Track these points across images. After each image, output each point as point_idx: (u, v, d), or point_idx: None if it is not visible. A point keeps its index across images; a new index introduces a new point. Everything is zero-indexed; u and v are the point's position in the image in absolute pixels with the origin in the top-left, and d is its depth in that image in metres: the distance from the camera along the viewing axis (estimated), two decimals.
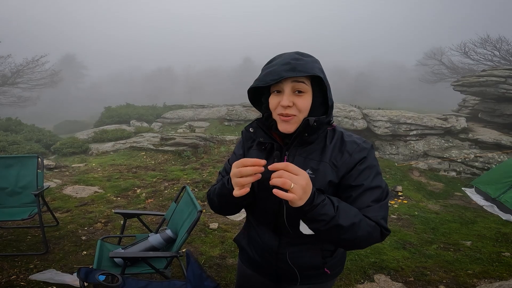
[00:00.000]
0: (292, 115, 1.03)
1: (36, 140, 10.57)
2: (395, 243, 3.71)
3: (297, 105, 1.02)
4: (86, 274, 1.67)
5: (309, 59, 1.04)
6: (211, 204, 1.22)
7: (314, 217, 0.91)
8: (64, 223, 3.80)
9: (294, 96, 1.02)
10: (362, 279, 2.94)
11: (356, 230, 0.95)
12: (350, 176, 1.06)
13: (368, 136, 8.92)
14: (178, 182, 5.46)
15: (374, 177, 1.05)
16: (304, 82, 1.02)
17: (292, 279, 1.20)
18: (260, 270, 1.27)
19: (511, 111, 8.79)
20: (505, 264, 3.30)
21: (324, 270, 1.19)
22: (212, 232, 3.74)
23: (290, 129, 1.05)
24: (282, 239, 1.16)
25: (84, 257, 3.10)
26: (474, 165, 7.32)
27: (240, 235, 1.36)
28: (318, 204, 0.91)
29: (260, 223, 1.21)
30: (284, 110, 1.02)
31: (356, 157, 1.06)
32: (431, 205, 5.29)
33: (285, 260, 1.17)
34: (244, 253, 1.33)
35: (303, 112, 1.04)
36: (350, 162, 1.06)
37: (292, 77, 1.00)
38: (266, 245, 1.19)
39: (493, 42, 20.84)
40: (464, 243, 3.80)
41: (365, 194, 1.03)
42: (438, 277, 3.01)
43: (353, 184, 1.05)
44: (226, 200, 1.10)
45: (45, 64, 22.92)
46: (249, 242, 1.28)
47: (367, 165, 1.06)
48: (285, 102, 1.01)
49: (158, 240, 2.36)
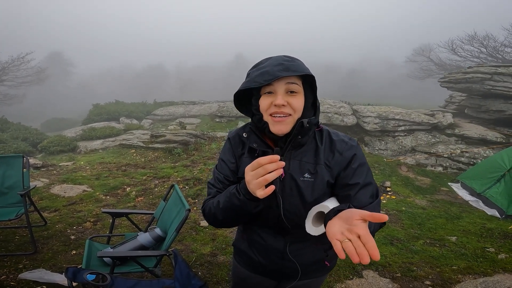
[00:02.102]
0: (288, 114, 1.03)
1: (22, 138, 10.36)
2: (383, 239, 3.78)
3: (291, 104, 1.03)
4: (74, 274, 1.67)
5: (300, 61, 1.07)
6: (211, 220, 1.15)
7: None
8: (52, 223, 3.76)
9: (287, 96, 1.03)
10: (351, 275, 3.00)
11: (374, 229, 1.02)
12: (346, 175, 1.09)
13: (358, 131, 9.02)
14: (168, 180, 5.44)
15: (367, 174, 1.11)
16: (297, 83, 1.03)
17: (293, 275, 1.23)
18: (261, 270, 1.28)
19: (496, 107, 8.99)
20: (489, 260, 3.37)
21: (325, 263, 1.25)
22: (203, 230, 3.75)
23: (284, 129, 1.04)
24: (286, 240, 1.19)
25: (74, 257, 3.08)
26: (460, 160, 7.48)
27: (238, 240, 1.36)
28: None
29: (263, 227, 1.21)
30: (279, 109, 1.02)
31: (347, 155, 1.10)
32: (418, 200, 5.40)
33: (291, 259, 1.20)
34: (243, 256, 1.33)
35: (297, 112, 1.04)
36: (342, 162, 1.10)
37: (285, 78, 1.01)
38: (272, 246, 1.21)
39: (480, 39, 21.23)
40: (450, 238, 3.89)
41: (362, 191, 1.08)
42: (424, 273, 3.09)
43: (350, 183, 1.08)
44: (238, 212, 1.05)
45: (31, 62, 22.50)
46: (251, 245, 1.28)
47: (359, 163, 1.10)
48: (279, 100, 1.01)
49: (148, 239, 2.36)
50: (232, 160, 1.18)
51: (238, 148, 1.19)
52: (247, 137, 1.13)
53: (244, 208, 1.02)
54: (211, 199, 1.17)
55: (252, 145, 1.11)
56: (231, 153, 1.20)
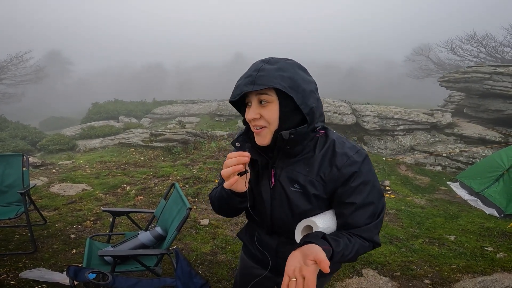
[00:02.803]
0: (262, 127, 1.00)
1: (21, 137, 10.36)
2: (383, 238, 3.79)
3: (263, 116, 0.99)
4: (76, 273, 1.68)
5: (273, 66, 0.97)
6: (213, 206, 1.24)
7: (335, 264, 1.01)
8: (52, 222, 3.76)
9: (260, 107, 0.99)
10: (351, 274, 3.01)
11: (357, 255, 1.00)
12: (343, 192, 1.02)
13: (357, 131, 9.03)
14: (168, 179, 5.44)
15: (369, 194, 1.01)
16: (267, 93, 0.97)
17: None
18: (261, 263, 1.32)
19: (495, 107, 9.01)
20: (488, 259, 3.38)
21: None
22: (203, 229, 3.75)
23: (263, 141, 1.02)
24: (280, 239, 1.20)
25: (74, 256, 3.08)
26: (459, 159, 7.50)
27: (242, 232, 1.40)
28: (337, 256, 0.92)
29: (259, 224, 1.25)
30: (253, 122, 1.00)
31: (345, 172, 1.00)
32: (417, 199, 5.41)
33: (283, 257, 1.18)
34: (246, 247, 1.39)
35: (272, 123, 0.99)
36: (339, 178, 1.01)
37: (256, 93, 0.98)
38: (267, 244, 1.24)
39: (479, 38, 21.27)
40: (448, 237, 3.91)
41: (357, 212, 1.01)
42: (423, 272, 3.10)
43: (346, 201, 1.02)
44: (225, 202, 1.12)
45: (30, 60, 22.50)
46: (250, 239, 1.33)
47: (361, 181, 1.01)
48: (250, 115, 0.99)
49: (148, 238, 2.36)
50: None
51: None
52: (240, 146, 1.09)
53: (229, 201, 1.08)
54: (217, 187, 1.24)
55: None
56: None
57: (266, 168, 1.10)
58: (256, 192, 1.14)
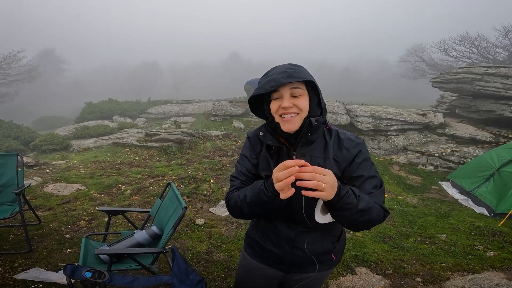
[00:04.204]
0: (295, 113, 1.17)
1: (14, 137, 10.25)
2: (375, 237, 3.86)
3: (297, 105, 1.17)
4: (72, 271, 1.69)
5: (302, 68, 1.20)
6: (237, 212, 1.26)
7: (341, 206, 1.04)
8: (47, 222, 3.75)
9: (293, 99, 1.17)
10: (345, 272, 3.06)
11: (371, 213, 1.10)
12: (351, 169, 1.22)
13: (351, 131, 9.09)
14: (163, 178, 5.45)
15: (370, 168, 1.23)
16: (300, 87, 1.17)
17: (302, 266, 1.34)
18: (272, 260, 1.37)
19: (486, 107, 9.16)
20: (478, 257, 3.46)
21: (331, 256, 1.34)
22: (199, 228, 3.78)
23: (293, 127, 1.18)
24: (298, 229, 1.29)
25: (69, 255, 3.08)
26: (451, 159, 7.62)
27: (252, 229, 1.46)
28: (344, 195, 1.03)
29: (276, 217, 1.31)
30: (286, 110, 1.16)
31: (353, 151, 1.23)
32: (409, 198, 5.50)
33: (301, 248, 1.29)
34: (254, 246, 1.42)
35: (303, 111, 1.18)
36: (349, 157, 1.23)
37: (289, 84, 1.15)
38: (284, 235, 1.31)
39: (471, 39, 21.55)
40: (440, 236, 3.99)
41: (366, 183, 1.20)
42: (415, 270, 3.17)
43: (354, 175, 1.21)
44: (263, 207, 1.16)
45: (23, 59, 22.24)
46: (263, 235, 1.38)
47: (363, 158, 1.23)
48: (285, 103, 1.15)
49: (144, 237, 2.39)
50: (253, 156, 1.32)
51: (257, 145, 1.33)
52: (263, 135, 1.27)
53: (270, 204, 1.14)
54: (235, 191, 1.29)
55: (268, 142, 1.24)
56: (252, 150, 1.34)
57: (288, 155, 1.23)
58: None
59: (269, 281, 1.44)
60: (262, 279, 1.44)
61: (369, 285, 2.88)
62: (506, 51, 20.79)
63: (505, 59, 20.62)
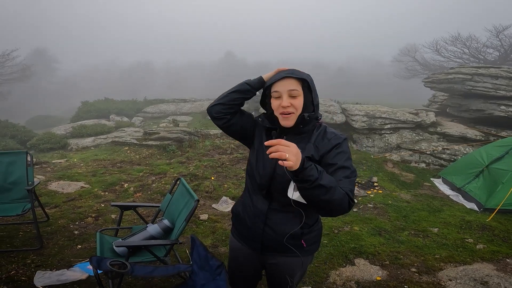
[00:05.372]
0: (291, 113, 1.37)
1: (10, 136, 10.22)
2: (372, 230, 4.04)
3: (293, 105, 1.37)
4: (98, 262, 1.82)
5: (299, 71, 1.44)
6: (217, 100, 1.53)
7: (304, 177, 1.15)
8: (54, 219, 3.84)
9: (290, 98, 1.37)
10: (344, 263, 3.23)
11: (333, 193, 1.20)
12: (328, 156, 1.38)
13: (347, 129, 9.32)
14: (165, 176, 5.56)
15: (346, 160, 1.37)
16: (297, 89, 1.37)
17: (274, 247, 1.48)
18: (247, 237, 1.54)
19: (476, 107, 9.43)
20: (468, 250, 3.65)
21: (301, 242, 1.46)
22: (203, 223, 3.91)
23: (289, 124, 1.39)
24: (271, 204, 1.46)
25: (80, 251, 3.19)
26: (442, 157, 7.87)
27: (237, 203, 1.66)
28: (307, 167, 1.16)
29: (255, 190, 1.51)
30: (285, 109, 1.37)
31: (333, 142, 1.40)
32: (403, 194, 5.70)
33: (270, 226, 1.46)
34: (236, 222, 1.61)
35: (298, 110, 1.38)
36: (328, 145, 1.40)
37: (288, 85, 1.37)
38: (257, 209, 1.48)
39: (463, 40, 21.94)
40: (432, 230, 4.18)
41: (338, 170, 1.33)
42: (410, 261, 3.35)
43: (330, 162, 1.36)
44: (242, 92, 1.50)
45: (16, 59, 21.97)
46: (244, 208, 1.57)
47: (341, 150, 1.39)
48: (285, 103, 1.36)
49: (157, 230, 2.51)
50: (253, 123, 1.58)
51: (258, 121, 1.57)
52: (262, 120, 1.52)
53: (248, 92, 1.50)
54: None
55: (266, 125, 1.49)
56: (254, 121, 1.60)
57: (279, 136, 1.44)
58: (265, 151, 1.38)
59: (250, 262, 1.60)
60: (245, 261, 1.61)
61: (367, 275, 3.05)
62: (497, 52, 21.23)
63: (496, 59, 21.06)
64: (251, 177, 1.52)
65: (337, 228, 4.03)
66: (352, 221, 4.30)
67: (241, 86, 1.51)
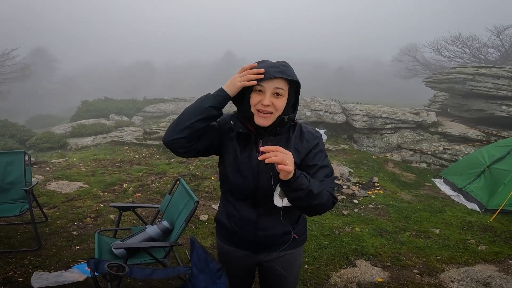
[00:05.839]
0: (270, 113, 1.27)
1: (9, 135, 10.19)
2: (373, 231, 4.01)
3: (275, 105, 1.26)
4: (96, 265, 1.78)
5: (291, 68, 1.30)
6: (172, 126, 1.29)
7: (297, 186, 1.14)
8: (53, 219, 3.81)
9: (273, 97, 1.26)
10: (345, 264, 3.20)
11: (322, 197, 1.22)
12: (307, 158, 1.35)
13: (347, 129, 9.29)
14: (165, 176, 5.53)
15: (324, 158, 1.37)
16: (283, 88, 1.26)
17: (269, 246, 1.45)
18: (240, 243, 1.47)
19: (477, 107, 9.40)
20: (470, 250, 3.62)
21: (293, 235, 1.45)
22: (203, 224, 3.88)
23: (265, 123, 1.29)
24: (259, 212, 1.40)
25: (78, 252, 3.16)
26: (443, 157, 7.84)
27: (219, 213, 1.56)
28: (299, 176, 1.14)
29: (239, 199, 1.42)
30: (264, 107, 1.26)
31: (312, 143, 1.37)
32: (404, 195, 5.67)
33: (262, 228, 1.41)
34: (223, 229, 1.52)
35: (278, 111, 1.28)
36: (308, 147, 1.36)
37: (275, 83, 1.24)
38: (245, 217, 1.41)
39: (464, 39, 21.88)
40: (433, 230, 4.14)
41: (319, 171, 1.32)
42: (412, 262, 3.31)
43: (310, 164, 1.34)
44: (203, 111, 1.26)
45: (16, 58, 21.94)
46: (228, 216, 1.47)
47: (319, 149, 1.37)
48: (266, 101, 1.25)
49: (156, 231, 2.48)
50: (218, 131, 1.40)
51: (226, 125, 1.40)
52: (234, 124, 1.37)
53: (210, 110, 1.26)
54: None
55: (239, 130, 1.34)
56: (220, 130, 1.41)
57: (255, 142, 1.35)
58: (242, 162, 1.35)
59: (244, 264, 1.53)
60: (237, 263, 1.54)
61: (369, 276, 3.02)
62: (498, 51, 21.19)
63: (497, 59, 21.03)
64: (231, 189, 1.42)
65: (338, 229, 4.00)
66: (353, 222, 4.27)
67: (206, 113, 1.27)
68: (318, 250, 3.43)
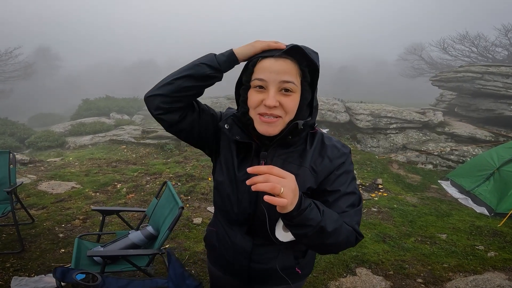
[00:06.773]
0: (278, 117, 0.92)
1: (9, 134, 10.13)
2: (376, 236, 3.80)
3: (283, 105, 0.91)
4: (63, 274, 1.62)
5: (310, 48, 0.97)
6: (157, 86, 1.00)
7: (302, 222, 0.83)
8: (40, 221, 3.67)
9: (280, 95, 0.90)
10: (345, 273, 3.00)
11: (338, 235, 0.90)
12: (327, 180, 1.01)
13: (350, 129, 9.06)
14: (160, 176, 5.37)
15: (350, 183, 1.01)
16: (294, 82, 0.90)
17: (264, 279, 1.16)
18: (230, 271, 1.20)
19: (486, 106, 9.13)
20: (479, 257, 3.41)
21: (296, 270, 1.16)
22: (196, 227, 3.70)
23: (272, 131, 0.93)
24: (255, 241, 1.10)
25: (62, 255, 3.01)
26: (450, 158, 7.58)
27: (209, 232, 1.28)
28: (306, 208, 0.83)
29: (232, 224, 1.12)
30: (269, 110, 0.90)
31: (335, 162, 1.01)
32: (409, 197, 5.45)
33: (258, 261, 1.12)
34: (213, 252, 1.26)
35: (289, 114, 0.93)
36: (330, 168, 1.01)
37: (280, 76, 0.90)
38: (239, 246, 1.12)
39: (471, 38, 21.51)
40: (440, 236, 3.94)
41: (341, 199, 0.98)
42: (416, 271, 3.11)
43: (329, 189, 0.99)
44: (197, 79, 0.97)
45: (19, 56, 22.01)
46: (219, 240, 1.19)
47: (344, 170, 1.01)
48: (271, 101, 0.88)
49: (139, 237, 2.31)
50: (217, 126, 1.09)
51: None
52: (229, 128, 1.02)
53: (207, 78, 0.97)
54: None
55: (235, 138, 1.01)
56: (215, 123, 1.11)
57: (257, 156, 1.01)
58: (239, 180, 1.02)
59: None
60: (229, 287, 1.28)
61: (369, 286, 2.82)
62: (506, 50, 20.80)
63: (505, 58, 20.63)
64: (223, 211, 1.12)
65: None
66: None
67: (196, 69, 0.96)
68: (316, 257, 3.23)
